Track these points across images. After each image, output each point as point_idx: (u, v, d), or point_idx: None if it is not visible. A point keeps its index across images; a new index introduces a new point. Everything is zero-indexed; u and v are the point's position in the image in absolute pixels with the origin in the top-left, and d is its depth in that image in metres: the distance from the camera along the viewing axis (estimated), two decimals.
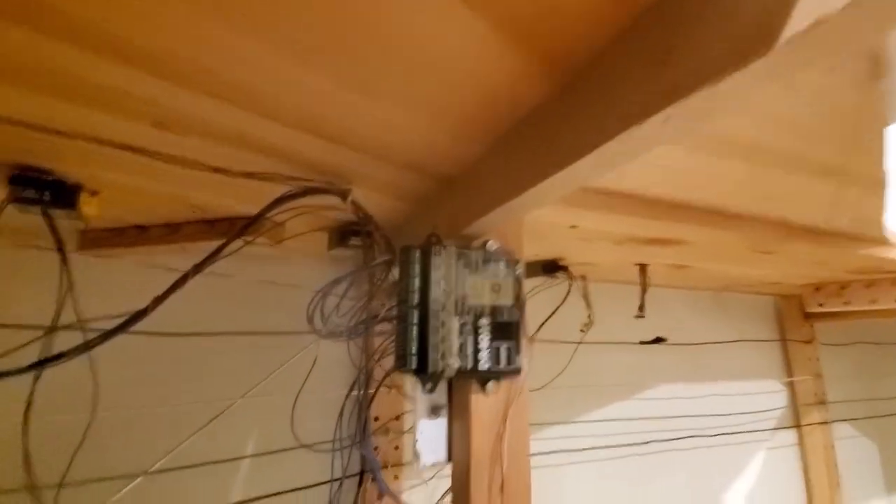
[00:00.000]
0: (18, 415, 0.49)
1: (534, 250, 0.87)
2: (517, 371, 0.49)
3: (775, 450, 1.35)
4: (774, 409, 1.38)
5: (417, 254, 0.48)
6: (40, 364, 0.39)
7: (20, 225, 0.52)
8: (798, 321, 1.41)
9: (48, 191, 0.48)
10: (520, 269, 0.52)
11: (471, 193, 0.48)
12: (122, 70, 0.33)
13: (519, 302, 0.51)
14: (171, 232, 0.71)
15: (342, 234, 0.68)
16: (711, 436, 1.21)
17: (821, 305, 1.22)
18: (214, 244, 0.49)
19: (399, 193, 0.57)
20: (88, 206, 0.53)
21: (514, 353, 0.49)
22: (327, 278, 0.57)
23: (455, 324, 0.47)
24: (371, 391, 0.57)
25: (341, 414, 0.60)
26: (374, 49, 0.32)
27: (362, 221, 0.55)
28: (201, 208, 0.62)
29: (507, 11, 0.29)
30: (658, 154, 0.47)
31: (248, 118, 0.39)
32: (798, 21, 0.19)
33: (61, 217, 0.52)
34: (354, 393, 0.62)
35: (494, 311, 0.49)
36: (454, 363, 0.46)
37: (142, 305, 0.45)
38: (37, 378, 0.46)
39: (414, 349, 0.46)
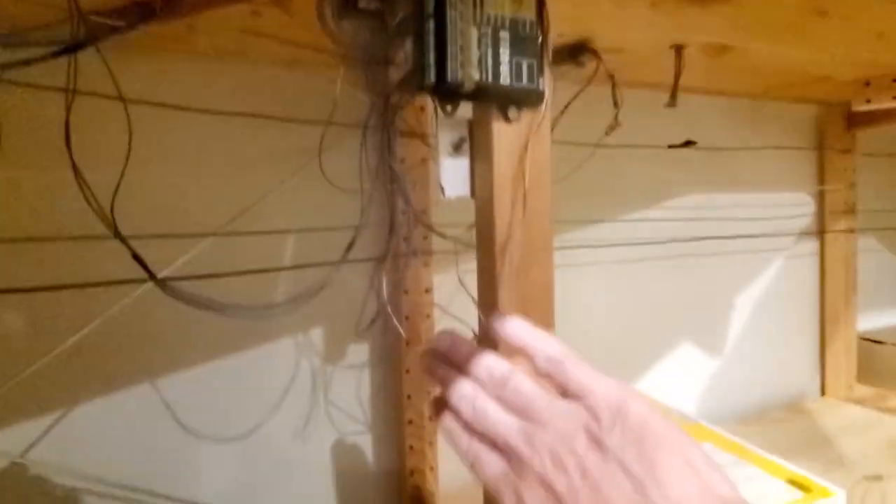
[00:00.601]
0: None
1: (559, 29, 0.81)
2: (539, 92, 0.48)
3: (795, 258, 1.38)
4: (800, 217, 1.37)
5: None
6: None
7: None
8: (839, 130, 1.34)
9: None
10: None
11: None
12: None
13: (541, 20, 0.48)
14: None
15: None
16: (731, 238, 1.23)
17: (868, 102, 1.14)
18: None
19: None
20: None
21: (535, 71, 0.47)
22: None
23: (473, 33, 0.45)
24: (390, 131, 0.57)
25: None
26: None
27: None
28: None
29: None
30: None
31: None
32: None
33: None
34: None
35: (515, 23, 0.46)
36: (474, 74, 0.45)
37: None
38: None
39: (432, 60, 0.44)
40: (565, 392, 0.30)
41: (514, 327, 0.34)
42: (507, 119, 0.49)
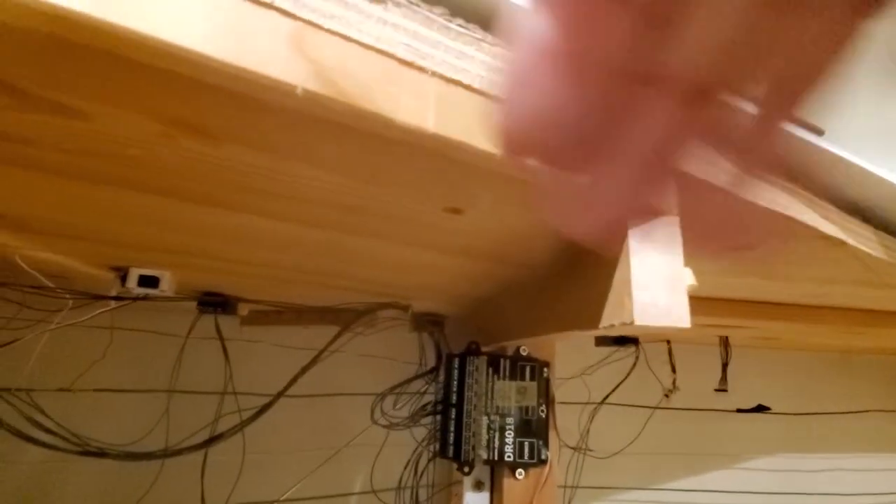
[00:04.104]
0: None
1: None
2: (542, 462, 0.58)
3: None
4: None
5: (456, 361, 0.60)
6: (209, 442, 0.60)
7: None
8: None
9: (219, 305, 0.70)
10: (547, 373, 0.61)
11: (499, 318, 0.59)
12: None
13: (546, 401, 0.60)
14: (298, 316, 0.92)
15: (418, 322, 0.83)
16: None
17: None
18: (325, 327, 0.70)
19: (448, 305, 0.69)
20: (243, 309, 0.74)
21: (539, 447, 0.58)
22: (408, 351, 0.73)
23: (484, 421, 0.58)
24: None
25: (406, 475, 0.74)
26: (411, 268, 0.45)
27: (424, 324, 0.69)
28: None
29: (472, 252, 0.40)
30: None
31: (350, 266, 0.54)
32: None
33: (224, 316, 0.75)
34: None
35: (521, 410, 0.59)
36: (483, 454, 0.57)
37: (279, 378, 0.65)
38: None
39: (451, 440, 0.58)
40: None
41: None
42: (515, 475, 0.59)
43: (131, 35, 0.16)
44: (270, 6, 0.17)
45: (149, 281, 0.54)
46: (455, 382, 0.59)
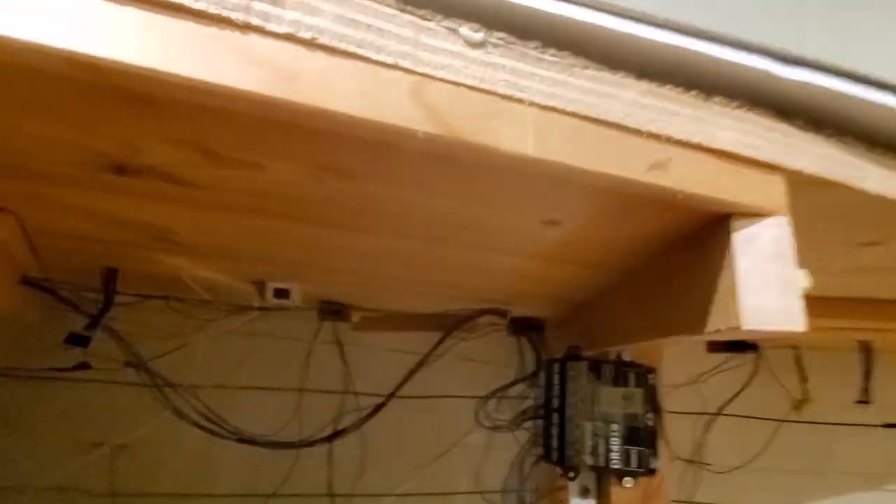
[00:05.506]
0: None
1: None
2: (650, 472, 0.57)
3: None
4: None
5: (557, 366, 0.61)
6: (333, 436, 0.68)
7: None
8: None
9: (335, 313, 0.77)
10: (653, 379, 0.60)
11: (598, 322, 0.59)
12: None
13: (653, 409, 0.59)
14: (404, 322, 0.99)
15: (516, 326, 0.85)
16: None
17: None
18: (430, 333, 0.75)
19: (546, 309, 0.70)
20: (355, 316, 0.82)
21: (647, 456, 0.57)
22: (507, 356, 0.76)
23: (588, 427, 0.58)
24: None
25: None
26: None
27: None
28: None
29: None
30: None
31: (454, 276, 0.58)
32: None
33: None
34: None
35: (627, 417, 0.58)
36: (588, 460, 0.57)
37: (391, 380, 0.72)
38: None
39: (555, 444, 0.59)
40: None
41: None
42: (622, 484, 0.59)
43: (311, 110, 0.20)
44: (396, 67, 0.21)
45: (281, 293, 0.63)
46: (556, 387, 0.60)
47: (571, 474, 0.59)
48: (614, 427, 0.58)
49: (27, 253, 0.40)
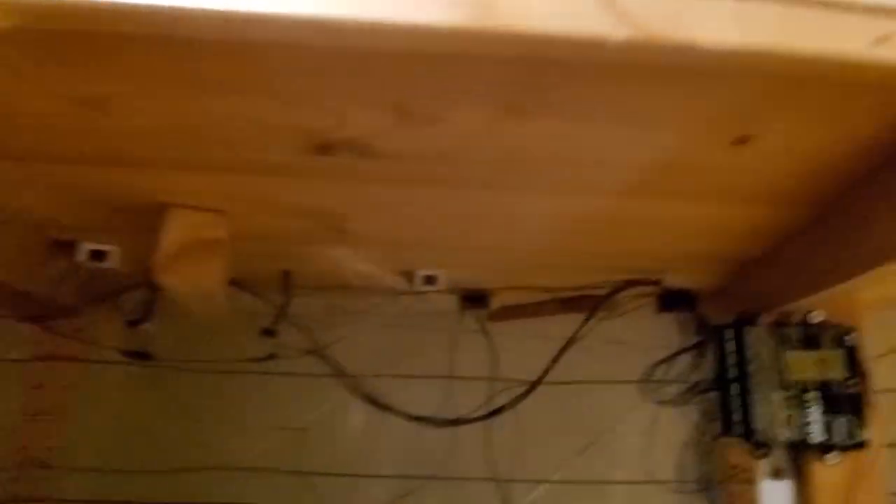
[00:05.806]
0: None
1: None
2: (859, 445, 0.49)
3: None
4: None
5: (731, 332, 0.56)
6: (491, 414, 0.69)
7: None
8: None
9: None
10: (853, 340, 0.52)
11: (773, 279, 0.53)
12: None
13: (855, 373, 0.51)
14: (539, 308, 0.98)
15: (666, 301, 0.79)
16: None
17: None
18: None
19: (704, 276, 0.64)
20: (494, 304, 0.83)
21: (854, 426, 0.50)
22: (655, 333, 0.72)
23: (776, 398, 0.52)
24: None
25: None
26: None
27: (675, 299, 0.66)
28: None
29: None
30: None
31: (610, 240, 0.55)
32: None
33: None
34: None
35: (825, 384, 0.51)
36: (782, 433, 0.51)
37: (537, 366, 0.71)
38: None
39: (738, 418, 0.53)
40: None
41: None
42: (824, 461, 0.51)
43: (509, 37, 0.21)
44: None
45: (429, 279, 0.65)
46: (733, 355, 0.55)
47: (763, 451, 0.53)
48: (808, 396, 0.51)
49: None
